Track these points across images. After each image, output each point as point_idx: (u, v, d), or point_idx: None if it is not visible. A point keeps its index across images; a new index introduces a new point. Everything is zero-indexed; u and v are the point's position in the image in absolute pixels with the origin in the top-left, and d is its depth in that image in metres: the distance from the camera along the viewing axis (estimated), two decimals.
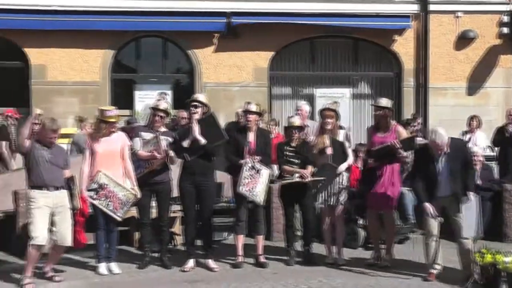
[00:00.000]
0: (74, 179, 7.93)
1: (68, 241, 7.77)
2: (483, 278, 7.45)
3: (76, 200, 7.86)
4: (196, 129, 8.29)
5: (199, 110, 8.45)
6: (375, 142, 8.57)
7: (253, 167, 8.42)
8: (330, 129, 8.68)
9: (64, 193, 7.74)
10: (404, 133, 8.66)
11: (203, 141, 8.27)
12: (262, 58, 15.41)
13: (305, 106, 10.70)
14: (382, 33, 15.41)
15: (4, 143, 11.72)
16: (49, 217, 7.61)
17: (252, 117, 8.68)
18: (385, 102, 8.71)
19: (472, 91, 15.64)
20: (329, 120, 8.67)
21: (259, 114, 8.89)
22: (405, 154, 8.40)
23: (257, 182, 8.42)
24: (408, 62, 15.67)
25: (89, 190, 8.10)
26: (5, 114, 12.86)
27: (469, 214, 7.58)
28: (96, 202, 8.11)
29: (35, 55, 14.84)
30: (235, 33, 15.07)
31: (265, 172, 8.52)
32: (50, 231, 7.64)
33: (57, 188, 7.66)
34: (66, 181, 7.80)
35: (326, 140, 8.61)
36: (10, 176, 9.88)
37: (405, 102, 15.54)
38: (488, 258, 7.38)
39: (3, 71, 15.34)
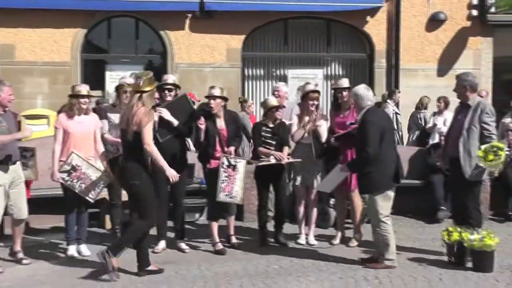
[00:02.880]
0: (35, 151, 7.83)
1: (25, 214, 7.69)
2: (450, 256, 7.57)
3: (33, 171, 7.86)
4: (167, 112, 8.15)
5: (173, 93, 8.40)
6: (335, 122, 8.65)
7: (229, 165, 8.16)
8: (314, 111, 8.62)
9: (19, 166, 7.58)
10: None
11: (175, 122, 8.18)
12: (235, 39, 15.38)
13: (283, 87, 10.63)
14: (355, 14, 15.45)
15: None
16: (5, 194, 7.44)
17: (215, 103, 8.34)
18: (346, 83, 8.73)
19: (442, 72, 15.81)
20: (315, 102, 8.63)
21: (224, 98, 8.48)
22: None
23: (234, 180, 8.17)
24: (380, 43, 15.74)
25: (61, 172, 7.93)
26: None
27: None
28: (68, 184, 7.94)
29: (3, 34, 14.67)
30: (208, 14, 15.00)
31: (241, 165, 8.23)
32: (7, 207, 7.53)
33: (14, 163, 7.48)
34: (20, 150, 7.68)
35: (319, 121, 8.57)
36: None
37: (377, 83, 15.62)
38: (455, 236, 7.47)
39: None
